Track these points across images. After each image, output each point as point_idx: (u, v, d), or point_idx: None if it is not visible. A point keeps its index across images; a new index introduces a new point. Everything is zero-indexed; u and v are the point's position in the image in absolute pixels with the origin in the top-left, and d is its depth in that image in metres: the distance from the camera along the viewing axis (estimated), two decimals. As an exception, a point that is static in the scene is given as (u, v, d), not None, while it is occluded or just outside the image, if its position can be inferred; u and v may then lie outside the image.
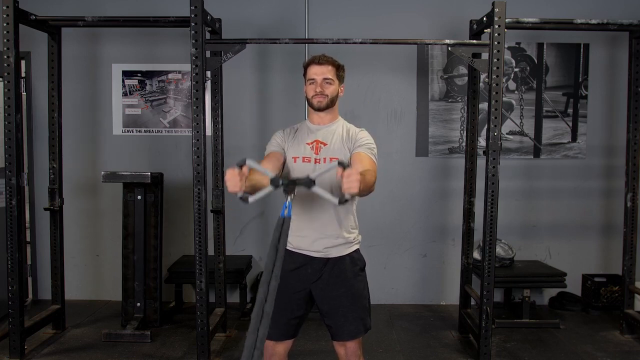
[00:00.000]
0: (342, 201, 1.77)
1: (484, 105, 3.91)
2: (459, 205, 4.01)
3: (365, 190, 1.95)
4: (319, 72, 2.21)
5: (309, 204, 2.17)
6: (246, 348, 1.48)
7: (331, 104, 2.23)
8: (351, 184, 1.73)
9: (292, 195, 1.77)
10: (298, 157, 2.21)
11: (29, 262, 4.35)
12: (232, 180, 1.80)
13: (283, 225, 1.70)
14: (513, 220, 4.39)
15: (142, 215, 3.81)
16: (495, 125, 3.16)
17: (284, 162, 2.24)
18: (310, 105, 2.25)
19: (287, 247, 2.16)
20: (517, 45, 4.38)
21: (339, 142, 2.22)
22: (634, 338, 3.70)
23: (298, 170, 2.20)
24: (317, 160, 2.20)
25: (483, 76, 3.85)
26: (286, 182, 1.76)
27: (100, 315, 4.13)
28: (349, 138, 2.23)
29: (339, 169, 1.75)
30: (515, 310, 4.17)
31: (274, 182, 1.77)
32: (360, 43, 3.34)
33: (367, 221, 3.85)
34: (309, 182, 1.76)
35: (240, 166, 1.79)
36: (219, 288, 3.76)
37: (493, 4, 3.16)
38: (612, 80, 4.38)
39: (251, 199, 1.82)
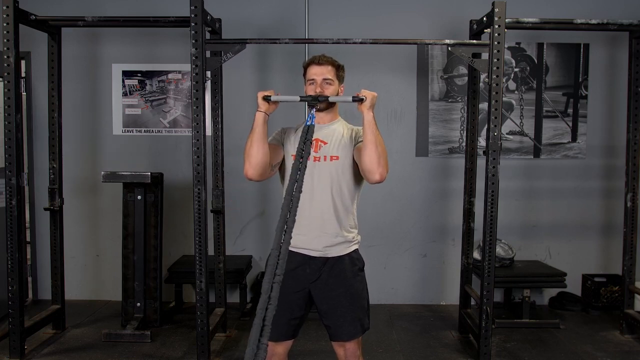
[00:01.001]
0: (356, 98, 2.11)
1: (484, 105, 3.91)
2: (459, 205, 4.01)
3: (379, 146, 2.09)
4: (318, 72, 2.21)
5: (309, 202, 2.17)
6: (254, 325, 1.40)
7: (331, 104, 2.24)
8: (367, 92, 2.11)
9: (316, 108, 2.12)
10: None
11: (29, 262, 4.35)
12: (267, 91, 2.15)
13: (307, 133, 1.87)
14: (513, 220, 4.39)
15: (142, 215, 3.81)
16: (495, 125, 3.16)
17: (283, 158, 2.24)
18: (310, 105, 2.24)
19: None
20: (517, 45, 4.38)
21: (339, 142, 2.23)
22: (634, 338, 3.70)
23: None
24: (317, 158, 2.20)
25: (483, 76, 3.85)
26: (310, 98, 2.16)
27: (100, 315, 4.13)
28: (356, 137, 2.24)
29: (356, 93, 2.13)
30: (515, 310, 4.17)
31: (302, 98, 2.17)
32: (360, 43, 3.34)
33: (367, 221, 3.85)
34: (326, 97, 2.17)
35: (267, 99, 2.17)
36: (219, 288, 3.76)
37: (493, 4, 3.16)
38: (612, 80, 4.38)
39: (273, 97, 2.16)
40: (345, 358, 2.26)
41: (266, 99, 2.15)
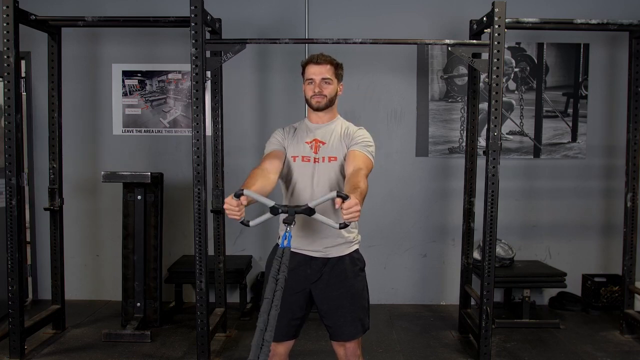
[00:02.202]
0: (343, 226, 1.83)
1: (484, 105, 3.91)
2: (459, 205, 4.01)
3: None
4: (317, 71, 2.20)
5: (309, 202, 2.16)
6: None
7: (330, 103, 2.23)
8: (351, 215, 1.76)
9: (292, 225, 1.82)
10: (297, 157, 2.21)
11: (29, 262, 4.35)
12: (231, 209, 1.85)
13: (283, 257, 1.71)
14: (513, 220, 4.39)
15: (142, 215, 3.81)
16: (495, 125, 3.16)
17: (285, 161, 2.24)
18: (309, 105, 2.24)
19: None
20: (517, 45, 4.38)
21: (337, 141, 2.22)
22: (634, 338, 3.70)
23: (297, 169, 2.19)
24: (316, 160, 2.19)
25: (483, 76, 3.85)
26: (286, 210, 1.81)
27: (100, 315, 4.13)
28: (347, 135, 2.23)
29: (337, 200, 1.77)
30: (515, 310, 4.17)
31: (273, 210, 1.83)
32: (360, 43, 3.34)
33: (367, 221, 3.84)
34: (309, 211, 1.82)
35: (238, 196, 1.83)
36: (219, 288, 3.76)
37: (493, 4, 3.16)
38: (612, 80, 4.38)
39: (252, 223, 1.89)
40: (345, 358, 2.26)
41: (245, 225, 1.90)
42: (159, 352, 3.45)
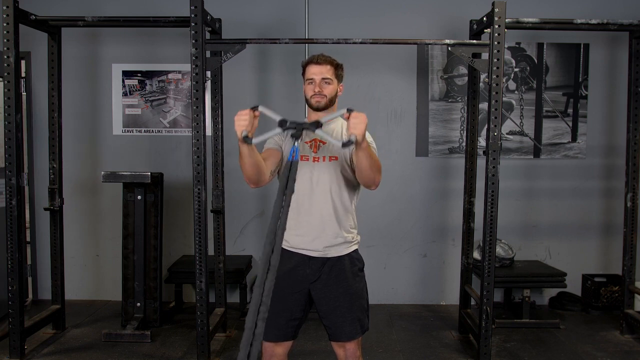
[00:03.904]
0: (346, 143, 1.80)
1: (484, 105, 3.91)
2: (459, 205, 4.01)
3: (374, 167, 2.01)
4: (317, 71, 2.20)
5: (308, 202, 2.17)
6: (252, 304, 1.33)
7: (330, 103, 2.23)
8: (357, 124, 1.82)
9: (300, 139, 1.77)
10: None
11: (29, 262, 4.35)
12: (242, 118, 1.85)
13: (291, 170, 1.70)
14: (513, 220, 4.39)
15: (142, 215, 3.81)
16: (495, 125, 3.16)
17: (281, 160, 2.24)
18: (309, 105, 2.24)
19: (285, 247, 2.14)
20: (517, 45, 4.38)
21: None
22: (634, 338, 3.70)
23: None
24: (316, 159, 2.19)
25: (483, 76, 3.83)
26: (293, 125, 1.75)
27: (100, 315, 4.13)
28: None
29: (345, 114, 1.84)
30: (515, 310, 4.17)
31: (281, 123, 1.77)
32: (360, 43, 3.34)
33: (366, 221, 3.85)
34: (316, 124, 1.79)
35: (253, 109, 1.86)
36: (219, 288, 3.76)
37: (493, 4, 3.16)
38: (612, 80, 4.37)
39: (255, 140, 1.86)
40: (345, 358, 2.26)
41: (246, 141, 1.86)
42: (159, 352, 3.46)
